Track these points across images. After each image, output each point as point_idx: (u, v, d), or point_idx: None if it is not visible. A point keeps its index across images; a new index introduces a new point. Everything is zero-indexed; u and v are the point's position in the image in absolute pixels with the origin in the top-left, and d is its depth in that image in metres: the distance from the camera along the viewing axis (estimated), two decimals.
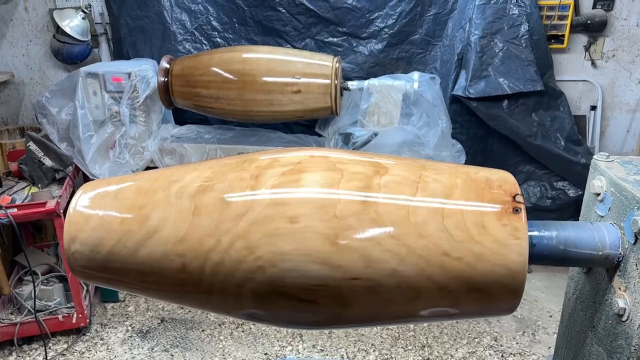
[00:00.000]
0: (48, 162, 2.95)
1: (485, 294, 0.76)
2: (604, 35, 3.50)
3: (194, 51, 3.44)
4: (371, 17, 3.36)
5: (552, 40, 3.44)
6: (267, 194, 0.77)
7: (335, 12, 3.35)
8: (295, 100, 2.95)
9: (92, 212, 0.83)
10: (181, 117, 3.53)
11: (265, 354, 2.82)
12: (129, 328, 3.04)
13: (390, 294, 0.75)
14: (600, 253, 0.85)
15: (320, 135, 3.42)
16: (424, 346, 2.86)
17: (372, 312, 0.77)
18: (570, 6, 3.36)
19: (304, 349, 2.84)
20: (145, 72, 3.11)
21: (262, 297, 0.77)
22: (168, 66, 3.06)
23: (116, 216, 0.81)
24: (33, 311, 2.79)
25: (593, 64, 3.57)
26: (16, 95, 3.82)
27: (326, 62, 2.96)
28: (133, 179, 0.87)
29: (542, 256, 0.85)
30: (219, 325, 3.04)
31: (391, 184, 0.78)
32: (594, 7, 3.43)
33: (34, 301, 2.77)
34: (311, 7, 3.34)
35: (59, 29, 3.43)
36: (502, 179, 0.81)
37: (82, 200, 0.84)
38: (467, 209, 0.77)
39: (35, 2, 3.59)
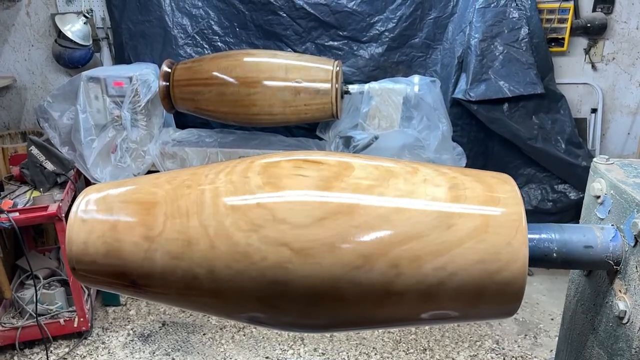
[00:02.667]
0: (50, 166, 2.96)
1: (490, 197, 0.80)
2: (604, 38, 3.50)
3: (195, 55, 3.45)
4: (371, 21, 3.37)
5: (552, 43, 3.45)
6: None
7: (335, 16, 3.36)
8: (296, 103, 2.96)
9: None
10: (182, 121, 3.54)
11: (267, 357, 2.82)
12: (131, 332, 3.05)
13: (392, 171, 0.83)
14: (600, 256, 0.85)
15: (321, 139, 3.42)
16: (426, 349, 2.86)
17: (373, 183, 0.80)
18: (570, 9, 3.36)
19: (305, 353, 2.84)
20: (146, 76, 3.12)
21: (269, 166, 0.82)
22: (169, 70, 3.07)
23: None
24: (34, 315, 2.79)
25: (593, 66, 3.57)
26: (18, 99, 3.83)
27: (327, 66, 2.97)
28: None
29: (542, 259, 0.85)
30: (220, 329, 3.04)
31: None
32: (594, 10, 3.44)
33: (36, 305, 2.77)
34: (312, 11, 3.35)
35: (60, 34, 3.44)
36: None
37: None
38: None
39: (37, 7, 3.61)
